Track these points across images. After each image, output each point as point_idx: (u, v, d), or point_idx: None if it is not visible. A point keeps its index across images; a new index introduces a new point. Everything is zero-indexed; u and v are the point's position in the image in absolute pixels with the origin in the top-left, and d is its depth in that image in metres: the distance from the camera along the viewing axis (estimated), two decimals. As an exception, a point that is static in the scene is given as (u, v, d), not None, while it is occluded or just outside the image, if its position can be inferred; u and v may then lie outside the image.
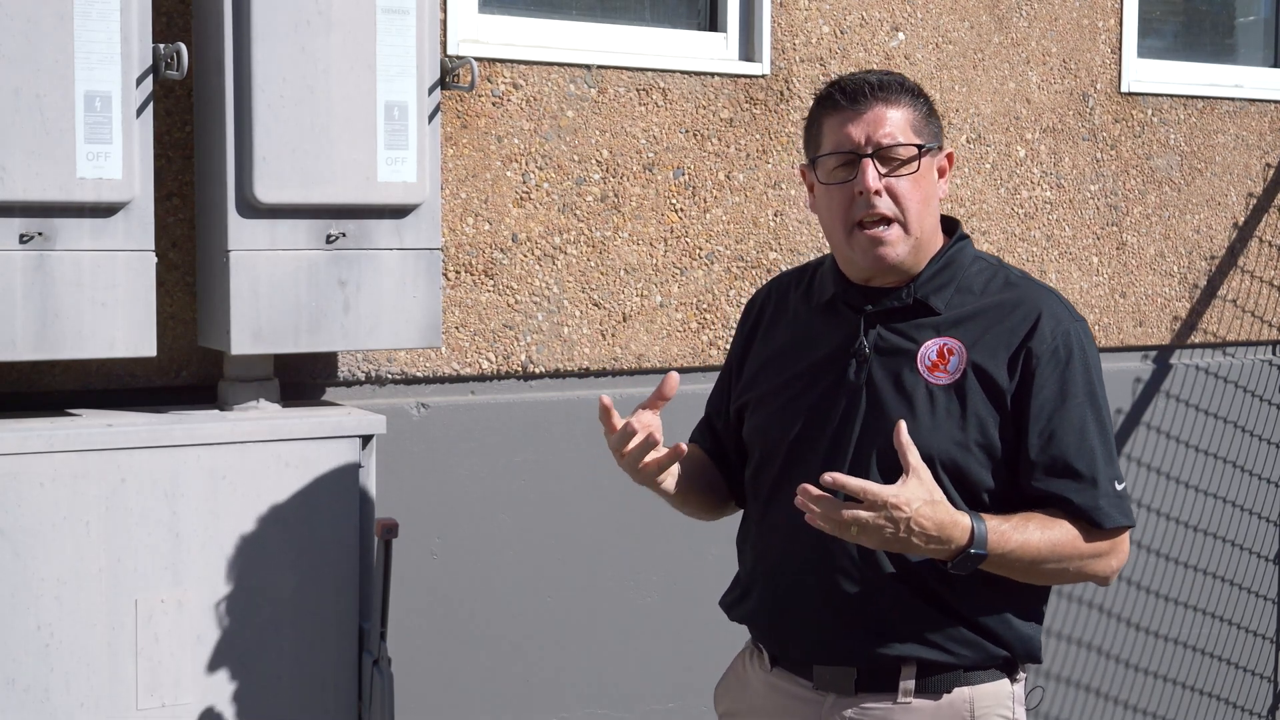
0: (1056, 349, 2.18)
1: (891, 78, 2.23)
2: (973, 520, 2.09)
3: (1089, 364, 2.21)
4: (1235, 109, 4.56)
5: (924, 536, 2.06)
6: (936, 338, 2.21)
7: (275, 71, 2.86)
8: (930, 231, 2.25)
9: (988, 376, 2.18)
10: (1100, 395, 2.22)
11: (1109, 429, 2.22)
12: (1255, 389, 4.71)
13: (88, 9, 2.71)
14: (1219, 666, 4.75)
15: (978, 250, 2.32)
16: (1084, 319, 2.28)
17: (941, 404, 2.18)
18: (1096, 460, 2.17)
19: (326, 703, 2.95)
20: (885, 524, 2.03)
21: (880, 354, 2.23)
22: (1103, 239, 4.35)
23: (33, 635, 2.71)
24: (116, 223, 2.79)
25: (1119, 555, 2.21)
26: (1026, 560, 2.12)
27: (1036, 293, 2.25)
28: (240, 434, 2.87)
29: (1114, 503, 2.18)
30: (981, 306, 2.23)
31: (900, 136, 2.20)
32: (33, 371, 2.98)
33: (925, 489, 2.06)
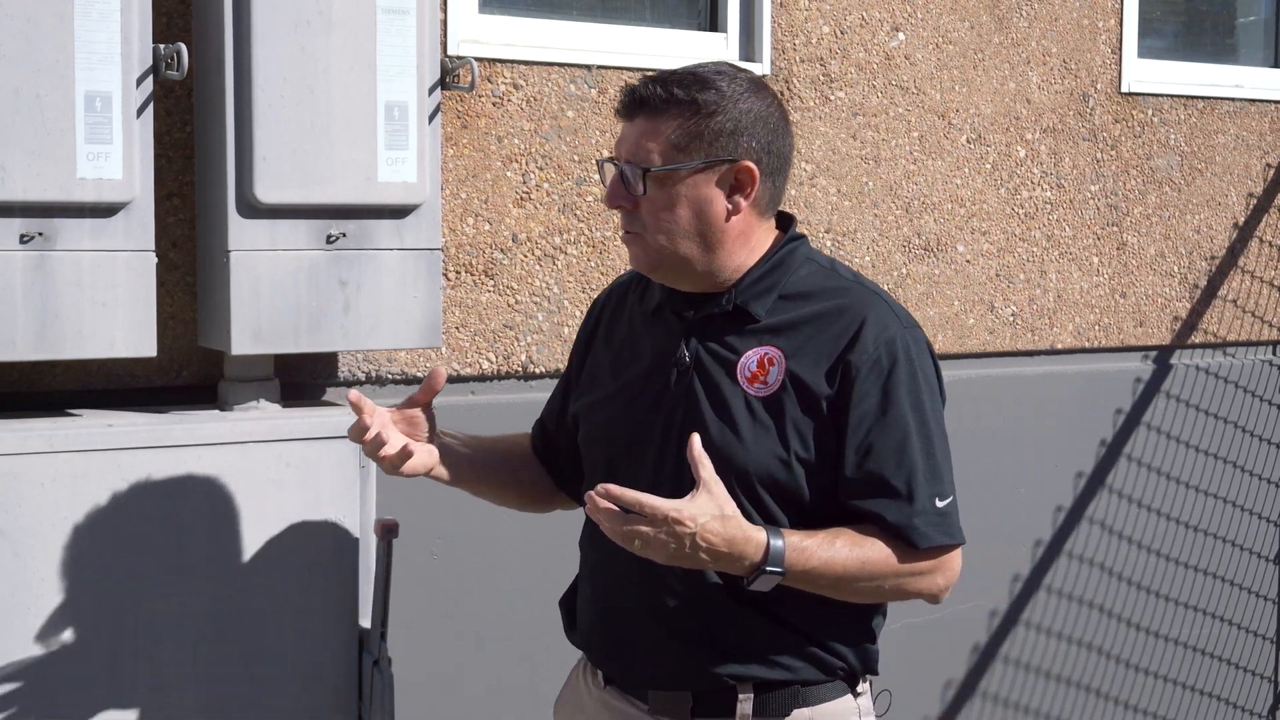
0: (879, 359, 2.08)
1: (665, 85, 2.09)
2: (769, 536, 2.01)
3: (916, 374, 2.10)
4: (1235, 109, 4.57)
5: (713, 553, 1.98)
6: (757, 347, 2.12)
7: (275, 71, 2.86)
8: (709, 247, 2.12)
9: (806, 388, 2.08)
10: (929, 407, 2.11)
11: (936, 443, 2.11)
12: (1255, 389, 4.71)
13: (88, 9, 2.71)
14: (1219, 667, 4.75)
15: (813, 251, 2.21)
16: (917, 326, 2.17)
17: (760, 416, 2.09)
18: (915, 477, 2.08)
19: (327, 702, 2.95)
20: (669, 539, 1.96)
21: (701, 364, 2.14)
22: (1103, 239, 4.35)
23: (33, 637, 2.71)
24: (117, 223, 2.79)
25: (946, 574, 2.12)
26: (833, 578, 2.05)
27: (863, 299, 2.13)
28: (241, 434, 2.87)
29: (932, 521, 2.08)
30: (805, 314, 2.13)
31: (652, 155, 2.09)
32: (33, 372, 2.99)
33: (715, 504, 1.99)
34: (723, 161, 2.09)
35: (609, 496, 1.97)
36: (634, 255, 2.16)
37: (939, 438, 2.12)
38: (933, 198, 4.03)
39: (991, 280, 4.15)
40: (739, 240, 2.13)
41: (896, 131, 3.96)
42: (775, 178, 2.15)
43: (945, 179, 4.05)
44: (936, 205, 4.04)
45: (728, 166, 2.10)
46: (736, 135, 2.09)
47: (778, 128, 2.14)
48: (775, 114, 2.14)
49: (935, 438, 2.11)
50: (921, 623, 4.13)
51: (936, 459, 2.10)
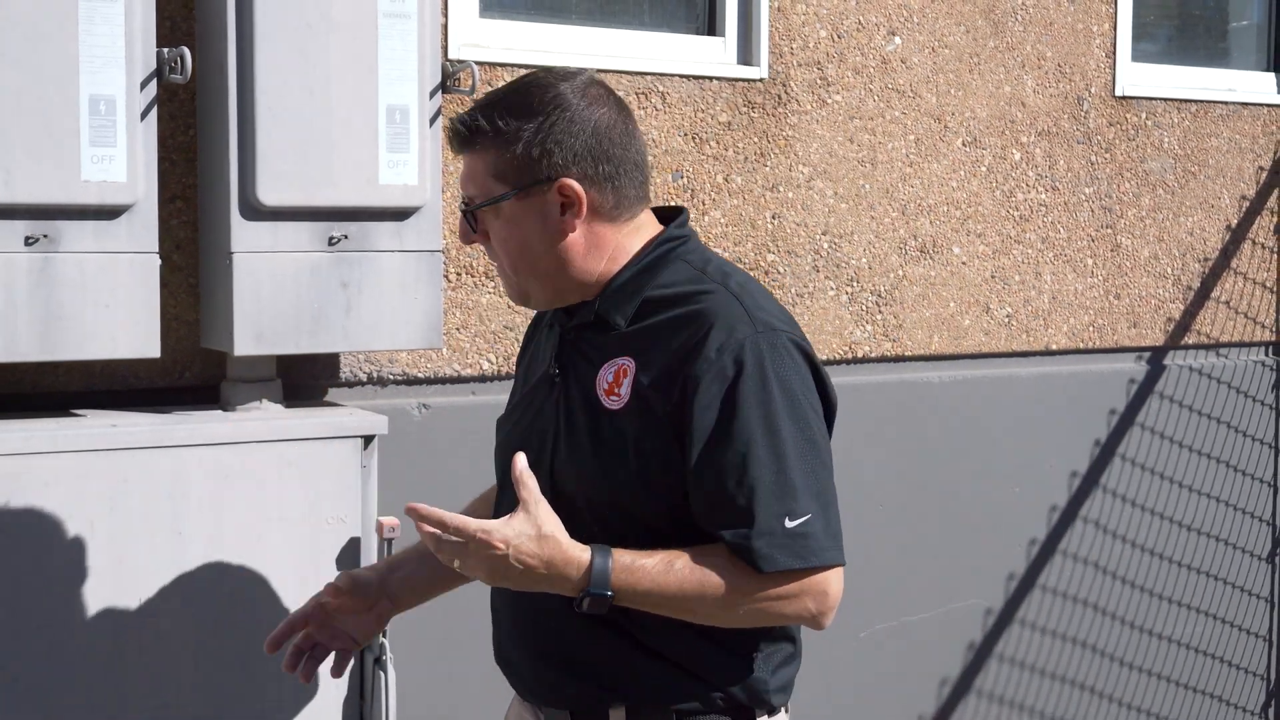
0: (723, 367, 1.92)
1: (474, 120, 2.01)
2: (595, 556, 1.90)
3: (767, 382, 1.92)
4: (1228, 112, 4.59)
5: (531, 575, 1.90)
6: (614, 358, 2.00)
7: (278, 75, 2.88)
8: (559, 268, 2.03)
9: (649, 402, 1.95)
10: (784, 416, 1.93)
11: (790, 456, 1.92)
12: (1248, 390, 4.74)
13: (92, 13, 2.73)
14: (1213, 665, 4.77)
15: (692, 250, 2.07)
16: (782, 329, 1.98)
17: (609, 433, 1.98)
18: (758, 495, 1.90)
19: (329, 701, 2.96)
20: (484, 560, 1.90)
21: (569, 376, 2.06)
22: (1097, 241, 4.38)
23: (35, 634, 2.72)
24: (120, 225, 2.80)
25: (815, 598, 1.93)
26: (671, 600, 1.92)
27: (719, 302, 1.97)
28: (243, 434, 2.89)
29: (778, 544, 1.90)
30: (659, 321, 2.00)
31: (474, 190, 2.03)
32: (37, 372, 3.00)
33: (532, 523, 1.89)
34: (537, 184, 1.99)
35: (418, 515, 1.91)
36: (505, 289, 2.11)
37: (798, 451, 1.93)
38: (929, 200, 4.06)
39: (987, 282, 4.18)
40: (591, 254, 2.03)
41: (893, 134, 3.99)
42: (612, 182, 2.02)
43: (941, 182, 4.08)
44: (932, 208, 4.07)
45: (548, 188, 1.99)
46: (547, 155, 1.98)
47: (604, 130, 2.01)
48: (600, 117, 2.01)
49: (791, 451, 1.92)
50: (916, 621, 4.16)
51: (789, 475, 1.92)
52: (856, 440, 3.98)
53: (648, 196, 2.09)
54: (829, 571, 1.94)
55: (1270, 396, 4.79)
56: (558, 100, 1.99)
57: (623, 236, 2.04)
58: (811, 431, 1.96)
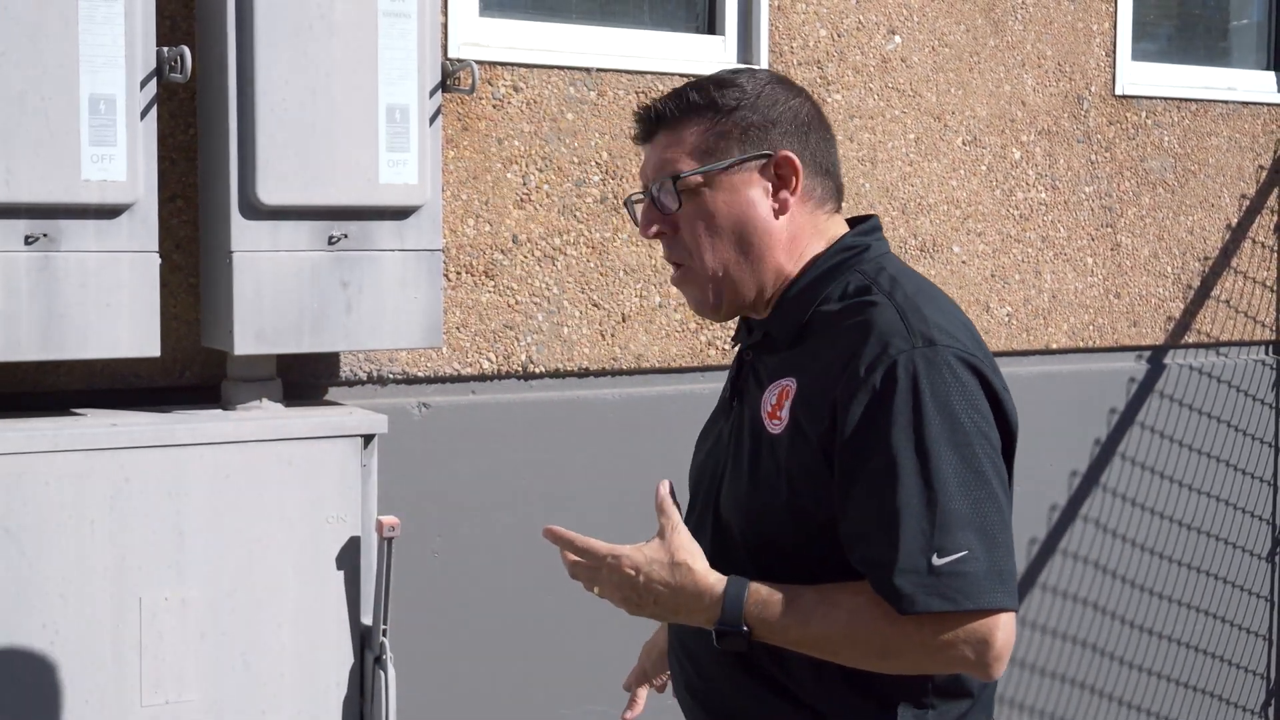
0: (872, 385, 1.73)
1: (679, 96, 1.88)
2: (729, 587, 1.76)
3: (921, 401, 1.72)
4: (1228, 111, 4.59)
5: (663, 603, 1.79)
6: (780, 379, 1.86)
7: (278, 74, 2.88)
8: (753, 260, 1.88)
9: (802, 425, 1.80)
10: (940, 441, 1.71)
11: (947, 485, 1.70)
12: (1248, 389, 4.74)
13: (92, 13, 2.73)
14: (1213, 663, 4.78)
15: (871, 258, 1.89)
16: (946, 343, 1.77)
17: (768, 460, 1.83)
18: (901, 528, 1.69)
19: (329, 699, 2.97)
20: (617, 586, 1.80)
21: (745, 399, 1.92)
22: (1097, 240, 4.38)
23: (38, 633, 2.73)
24: (121, 224, 2.81)
25: (974, 646, 1.69)
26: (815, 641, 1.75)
27: (878, 316, 1.79)
28: (243, 433, 2.89)
29: (921, 583, 1.68)
30: (823, 337, 1.84)
31: (679, 167, 1.86)
32: (38, 372, 3.01)
33: (666, 550, 1.78)
34: (756, 158, 1.86)
35: (553, 537, 1.83)
36: (690, 297, 1.93)
37: (958, 479, 1.71)
38: (929, 199, 4.06)
39: (987, 281, 4.18)
40: (789, 248, 1.88)
41: (893, 133, 3.99)
42: (819, 177, 1.90)
43: (941, 180, 4.08)
44: (932, 206, 4.07)
45: (765, 160, 1.86)
46: (769, 125, 1.86)
47: (813, 119, 1.90)
48: (807, 106, 1.90)
49: (949, 480, 1.70)
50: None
51: (943, 505, 1.69)
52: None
53: (839, 199, 1.95)
54: (992, 617, 1.69)
55: (1270, 395, 4.79)
56: (767, 84, 1.89)
57: (817, 238, 1.90)
58: (977, 459, 1.72)
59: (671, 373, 3.70)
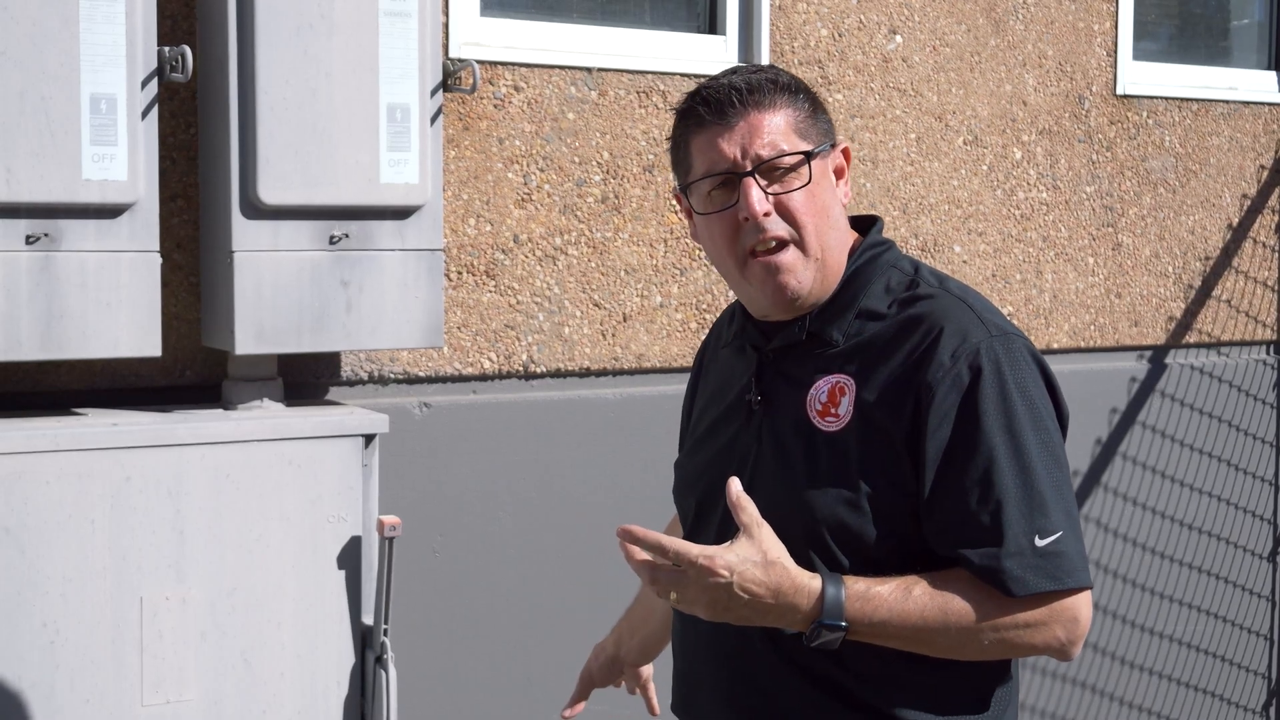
0: (958, 374, 1.77)
1: (761, 76, 1.87)
2: (826, 584, 1.75)
3: (1007, 389, 1.78)
4: (1230, 111, 4.59)
5: (757, 605, 1.74)
6: (829, 375, 1.85)
7: (279, 74, 2.88)
8: (835, 248, 1.88)
9: (876, 418, 1.80)
10: (1028, 426, 1.78)
11: (1038, 469, 1.77)
12: (1249, 388, 4.74)
13: (93, 13, 2.73)
14: (1215, 663, 4.78)
15: (898, 257, 1.93)
16: (1014, 332, 1.84)
17: (828, 455, 1.82)
18: (1005, 511, 1.75)
19: (330, 699, 2.97)
20: (705, 590, 1.73)
21: (774, 400, 1.90)
22: (1098, 240, 4.38)
23: (38, 632, 2.73)
24: (121, 224, 2.81)
25: (1065, 625, 1.76)
26: (910, 632, 1.75)
27: (945, 306, 1.83)
28: (244, 433, 2.89)
29: (1030, 564, 1.74)
30: (878, 332, 1.85)
31: (784, 144, 1.84)
32: (38, 371, 3.01)
33: (757, 549, 1.74)
34: (833, 146, 1.90)
35: (631, 538, 1.75)
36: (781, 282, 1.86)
37: (1043, 463, 1.78)
38: (930, 199, 4.06)
39: (988, 280, 4.18)
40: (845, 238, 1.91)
41: (894, 133, 3.99)
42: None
43: (942, 180, 4.08)
44: (933, 206, 4.07)
45: (834, 151, 1.90)
46: (827, 121, 1.91)
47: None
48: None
49: (1037, 463, 1.77)
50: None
51: (1037, 488, 1.76)
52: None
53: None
54: (1080, 594, 1.77)
55: (1271, 395, 4.79)
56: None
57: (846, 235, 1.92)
58: (1053, 443, 1.81)
59: (673, 372, 3.70)
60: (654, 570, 1.77)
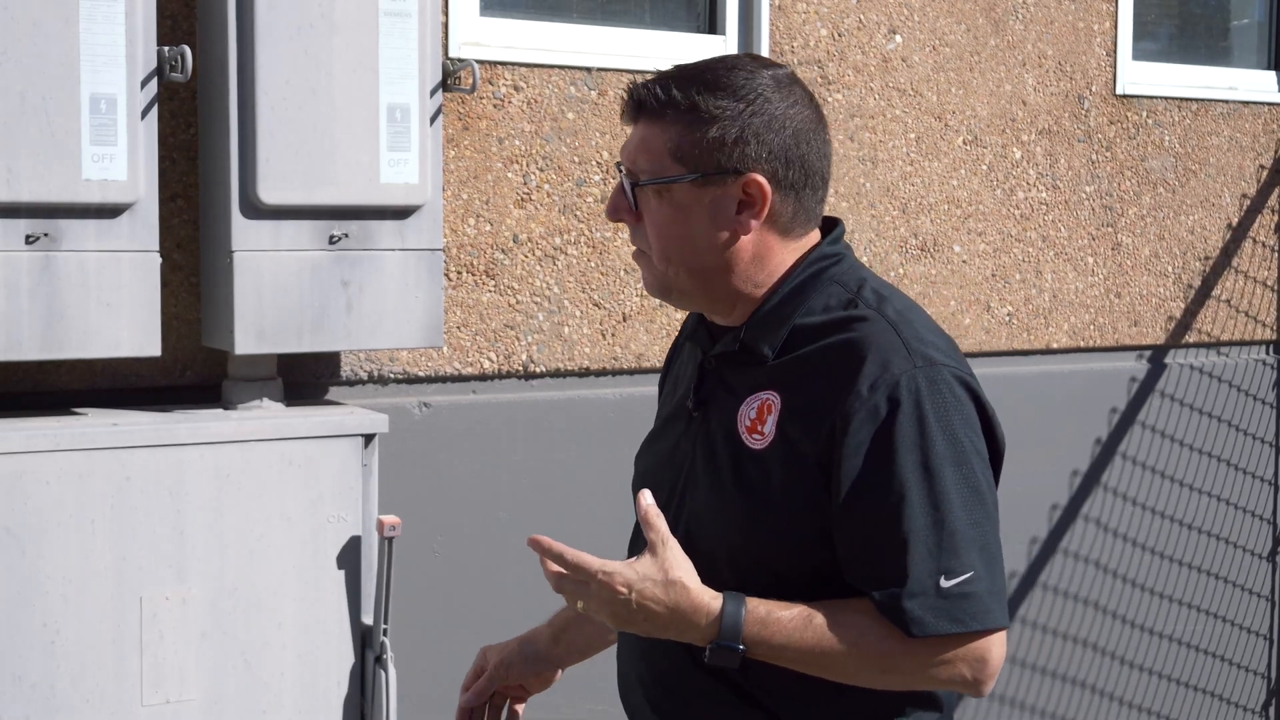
0: (875, 406, 1.72)
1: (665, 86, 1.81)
2: (726, 606, 1.72)
3: (926, 423, 1.72)
4: (1229, 111, 4.60)
5: (655, 621, 1.73)
6: (759, 391, 1.81)
7: (278, 74, 2.88)
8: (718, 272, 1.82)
9: (796, 441, 1.76)
10: (944, 462, 1.72)
11: (952, 506, 1.72)
12: (1249, 388, 4.74)
13: (93, 13, 2.73)
14: (1214, 663, 4.78)
15: (846, 270, 1.86)
16: (945, 362, 1.77)
17: (751, 473, 1.79)
18: (911, 551, 1.69)
19: (330, 699, 2.97)
20: (607, 602, 1.73)
21: (711, 409, 1.86)
22: (1098, 240, 4.38)
23: (39, 632, 2.73)
24: (121, 224, 2.81)
25: (971, 665, 1.72)
26: (808, 659, 1.73)
27: (873, 332, 1.77)
28: (244, 433, 2.90)
29: (931, 605, 1.69)
30: (810, 351, 1.79)
31: (645, 163, 1.81)
32: (39, 371, 3.01)
33: (659, 567, 1.72)
34: (724, 175, 1.79)
35: (539, 548, 1.75)
36: (643, 277, 1.89)
37: (961, 500, 1.73)
38: (929, 199, 4.06)
39: (987, 280, 4.18)
40: (755, 264, 1.83)
41: (893, 133, 3.99)
42: (799, 191, 1.82)
43: (942, 180, 4.08)
44: (933, 206, 4.07)
45: (732, 181, 1.79)
46: (743, 144, 1.78)
47: (803, 134, 1.82)
48: (801, 117, 1.82)
49: (953, 500, 1.72)
50: (918, 620, 4.15)
51: (950, 527, 1.71)
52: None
53: (820, 216, 1.89)
54: (991, 636, 1.72)
55: (1271, 395, 4.79)
56: (762, 90, 1.80)
57: (786, 255, 1.84)
58: (975, 478, 1.75)
59: (672, 372, 3.70)
60: (561, 579, 1.77)
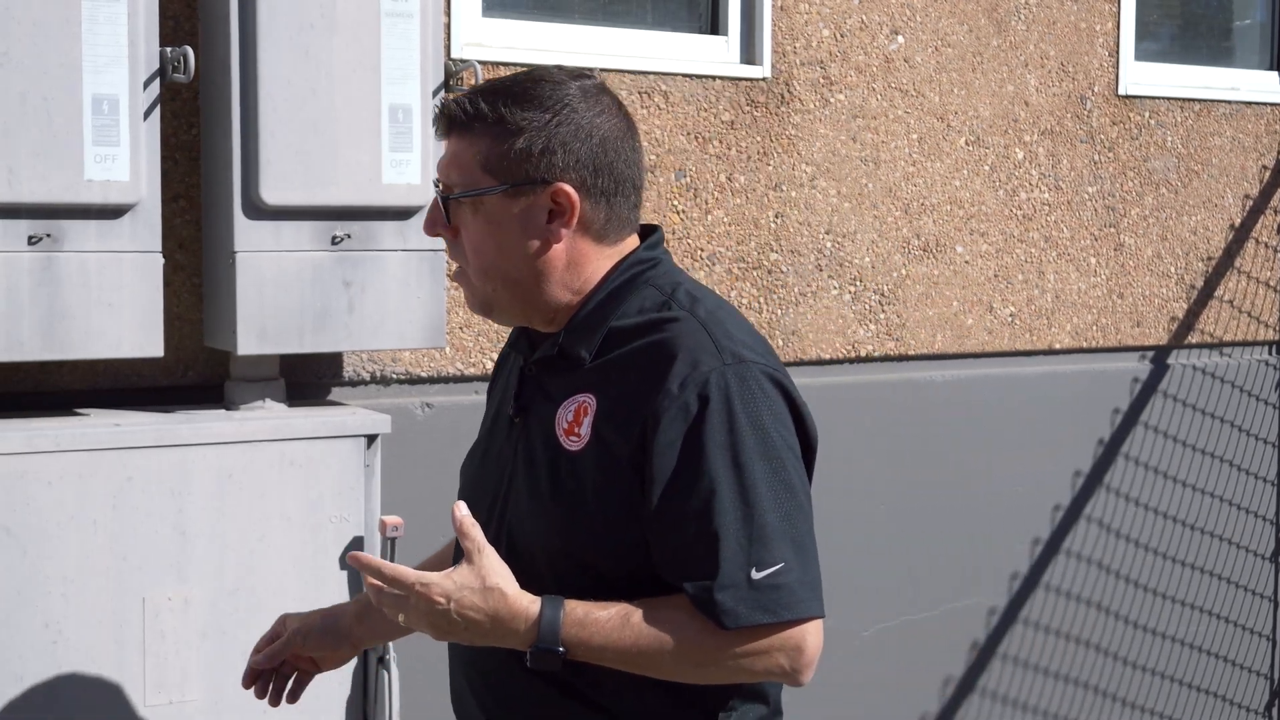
0: (686, 404, 1.76)
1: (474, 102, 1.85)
2: (544, 610, 1.76)
3: (735, 419, 1.76)
4: (1232, 111, 4.59)
5: (475, 629, 1.77)
6: (576, 394, 1.85)
7: (280, 75, 2.88)
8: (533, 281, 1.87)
9: (610, 442, 1.80)
10: (753, 456, 1.76)
11: (762, 499, 1.75)
12: (1252, 389, 4.74)
13: (95, 13, 2.73)
14: (1217, 664, 4.78)
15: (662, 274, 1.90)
16: (754, 360, 1.81)
17: (569, 475, 1.83)
18: (722, 544, 1.73)
19: (332, 699, 2.97)
20: (424, 613, 1.77)
21: (531, 414, 1.91)
22: (1100, 240, 4.38)
23: (40, 633, 2.73)
24: (124, 224, 2.81)
25: (788, 654, 1.76)
26: (628, 657, 1.77)
27: (684, 332, 1.81)
28: (246, 433, 2.90)
29: (743, 597, 1.73)
30: (624, 354, 1.83)
31: (457, 177, 1.86)
32: (41, 372, 3.01)
33: (476, 575, 1.76)
34: (532, 185, 1.83)
35: (358, 564, 1.79)
36: (465, 297, 1.94)
37: (771, 493, 1.76)
38: (932, 199, 4.06)
39: (990, 281, 4.18)
40: (570, 271, 1.87)
41: (896, 134, 3.99)
42: (610, 198, 1.87)
43: (944, 181, 4.08)
44: (935, 207, 4.07)
45: (541, 190, 1.83)
46: (548, 154, 1.83)
47: (611, 142, 1.87)
48: (609, 126, 1.87)
49: (763, 494, 1.76)
50: (920, 620, 4.16)
51: (759, 520, 1.75)
52: (860, 440, 3.98)
53: (637, 222, 1.94)
54: (805, 625, 1.77)
55: (1274, 395, 4.79)
56: (569, 100, 1.85)
57: (602, 261, 1.89)
58: (786, 472, 1.79)
59: (674, 373, 3.70)
60: (380, 593, 1.79)
